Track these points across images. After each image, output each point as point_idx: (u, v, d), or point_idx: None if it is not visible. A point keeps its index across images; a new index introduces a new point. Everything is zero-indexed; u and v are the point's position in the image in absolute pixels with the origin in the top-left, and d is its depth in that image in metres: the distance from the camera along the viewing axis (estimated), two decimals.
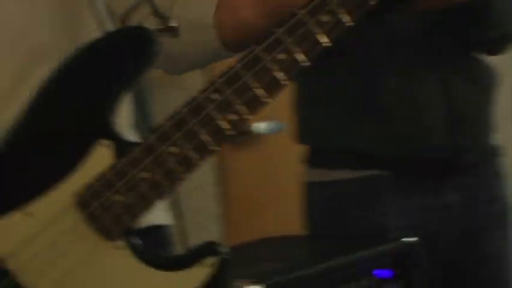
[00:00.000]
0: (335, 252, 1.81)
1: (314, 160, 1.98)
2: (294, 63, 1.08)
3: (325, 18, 1.07)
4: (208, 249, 1.15)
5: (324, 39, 1.06)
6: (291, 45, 1.07)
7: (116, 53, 1.22)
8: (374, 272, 1.78)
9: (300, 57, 1.06)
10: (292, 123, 1.95)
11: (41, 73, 1.21)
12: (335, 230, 1.90)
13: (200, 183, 2.83)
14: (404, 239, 1.82)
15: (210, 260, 1.14)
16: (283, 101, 1.56)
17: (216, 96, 1.11)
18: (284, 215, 3.06)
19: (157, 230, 1.37)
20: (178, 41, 1.28)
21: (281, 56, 1.07)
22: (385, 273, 1.80)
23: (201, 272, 1.16)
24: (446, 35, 1.74)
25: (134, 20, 1.28)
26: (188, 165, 1.15)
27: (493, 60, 1.96)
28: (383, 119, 1.88)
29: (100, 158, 1.18)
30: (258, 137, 3.08)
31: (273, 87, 1.09)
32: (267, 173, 3.11)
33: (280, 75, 1.07)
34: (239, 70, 1.10)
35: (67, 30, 1.33)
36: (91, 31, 1.34)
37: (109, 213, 1.17)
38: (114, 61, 1.22)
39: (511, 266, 1.97)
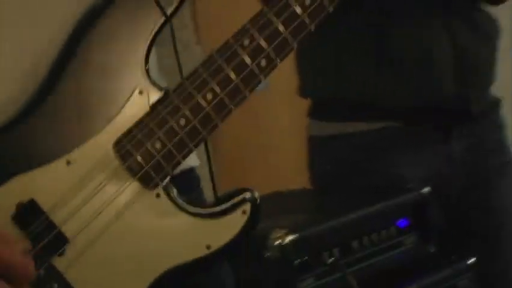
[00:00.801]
0: (354, 205, 1.86)
1: (323, 113, 1.99)
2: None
3: None
4: (240, 195, 1.17)
5: None
6: None
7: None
8: (393, 223, 1.85)
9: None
10: (288, 79, 1.91)
11: None
12: (348, 182, 1.93)
13: None
14: (419, 190, 1.87)
15: (244, 207, 1.16)
16: None
17: (247, 42, 1.13)
18: (275, 170, 3.11)
19: (188, 173, 1.35)
20: None
21: None
22: (403, 223, 1.86)
23: (237, 219, 1.18)
24: None
25: None
26: (223, 111, 1.16)
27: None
28: (393, 70, 1.90)
29: (136, 106, 1.18)
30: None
31: (298, 30, 1.14)
32: (256, 131, 3.14)
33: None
34: (269, 15, 1.13)
35: None
36: None
37: (148, 161, 1.16)
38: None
39: None
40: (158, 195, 1.16)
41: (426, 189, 1.87)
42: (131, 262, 1.20)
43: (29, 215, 1.14)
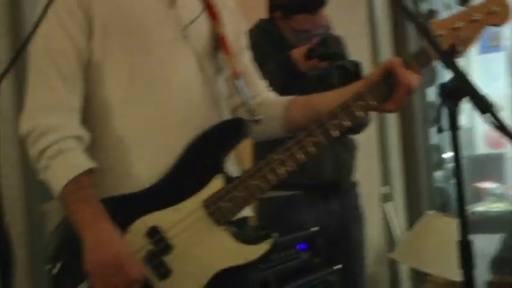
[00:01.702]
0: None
1: None
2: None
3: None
4: (267, 233, 1.69)
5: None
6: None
7: (228, 129, 1.74)
8: (296, 246, 2.67)
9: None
10: None
11: None
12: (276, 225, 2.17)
13: None
14: (312, 229, 2.74)
15: (269, 241, 1.69)
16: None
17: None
18: None
19: (245, 219, 1.81)
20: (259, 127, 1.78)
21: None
22: (302, 246, 2.70)
23: (264, 246, 1.68)
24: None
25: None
26: (276, 179, 1.66)
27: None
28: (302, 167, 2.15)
29: (216, 184, 1.67)
30: None
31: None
32: None
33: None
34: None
35: None
36: None
37: (221, 210, 1.65)
38: (227, 133, 1.73)
39: (363, 243, 2.98)
40: (222, 230, 1.67)
41: (315, 228, 2.74)
42: (201, 263, 1.66)
43: (154, 233, 1.65)
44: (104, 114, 1.71)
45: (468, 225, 1.52)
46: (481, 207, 5.82)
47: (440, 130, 1.45)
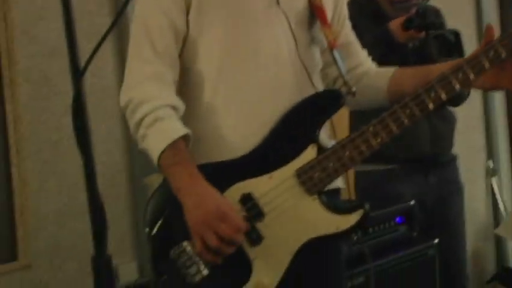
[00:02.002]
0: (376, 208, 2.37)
1: None
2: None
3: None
4: (359, 204, 1.69)
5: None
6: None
7: (323, 100, 1.77)
8: (394, 218, 2.66)
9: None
10: None
11: None
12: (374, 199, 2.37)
13: None
14: (409, 202, 2.72)
15: (361, 211, 1.69)
16: None
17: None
18: None
19: (336, 190, 1.83)
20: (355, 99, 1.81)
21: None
22: (400, 219, 2.69)
23: (356, 217, 1.69)
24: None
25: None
26: (368, 151, 1.66)
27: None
28: (399, 140, 2.16)
29: (309, 154, 1.69)
30: None
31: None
32: None
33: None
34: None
35: None
36: None
37: (313, 180, 1.67)
38: (322, 105, 1.76)
39: (463, 218, 2.94)
40: (314, 199, 1.69)
41: (412, 202, 2.72)
42: (292, 230, 1.67)
43: (247, 200, 1.66)
44: (199, 86, 1.75)
45: None
46: None
47: None
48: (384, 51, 2.51)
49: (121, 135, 2.73)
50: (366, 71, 1.92)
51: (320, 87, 1.85)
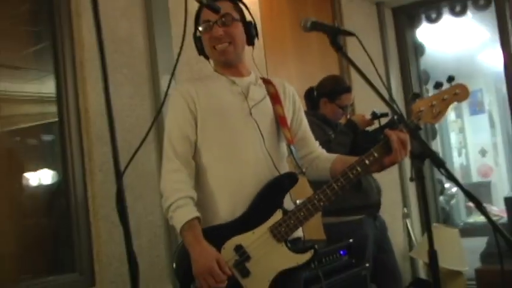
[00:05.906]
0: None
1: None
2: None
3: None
4: (311, 246, 1.65)
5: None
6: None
7: (283, 180, 1.71)
8: (339, 252, 2.55)
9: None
10: None
11: None
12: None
13: None
14: (349, 240, 2.59)
15: (312, 251, 1.67)
16: None
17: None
18: None
19: (298, 238, 1.77)
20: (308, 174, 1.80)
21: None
22: (343, 252, 2.59)
23: (309, 254, 1.67)
24: None
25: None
26: (315, 211, 1.62)
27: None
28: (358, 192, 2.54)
29: (277, 216, 1.67)
30: None
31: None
32: None
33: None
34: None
35: None
36: None
37: (281, 233, 1.64)
38: (283, 183, 1.70)
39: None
40: (282, 245, 1.66)
41: (351, 240, 2.60)
42: (269, 266, 1.64)
43: (239, 248, 1.64)
44: (202, 173, 1.72)
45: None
46: (471, 219, 5.68)
47: (411, 179, 1.41)
48: (353, 136, 2.50)
49: (160, 211, 2.49)
50: (317, 156, 1.86)
51: (285, 169, 1.76)
